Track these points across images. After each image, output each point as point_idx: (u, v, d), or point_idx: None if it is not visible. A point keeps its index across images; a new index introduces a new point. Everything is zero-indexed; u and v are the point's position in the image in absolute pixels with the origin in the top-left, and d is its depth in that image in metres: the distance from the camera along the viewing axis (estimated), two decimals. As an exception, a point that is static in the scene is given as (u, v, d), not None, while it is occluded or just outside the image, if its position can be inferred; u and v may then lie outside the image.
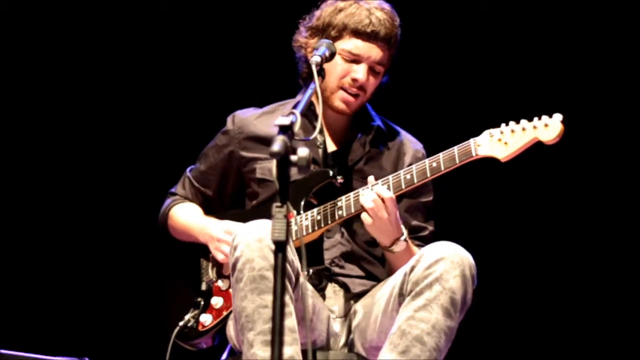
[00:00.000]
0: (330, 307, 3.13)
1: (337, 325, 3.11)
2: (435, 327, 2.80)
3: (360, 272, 3.20)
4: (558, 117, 2.87)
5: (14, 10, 4.36)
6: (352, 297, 3.15)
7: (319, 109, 3.13)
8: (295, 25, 3.34)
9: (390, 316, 2.93)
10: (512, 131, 2.92)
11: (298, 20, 3.33)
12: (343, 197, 3.10)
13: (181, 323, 3.21)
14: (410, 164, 3.19)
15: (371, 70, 3.19)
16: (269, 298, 2.76)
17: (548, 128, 2.87)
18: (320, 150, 3.26)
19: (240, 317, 2.81)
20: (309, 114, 3.24)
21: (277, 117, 3.24)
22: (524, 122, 2.92)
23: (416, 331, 2.80)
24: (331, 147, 3.29)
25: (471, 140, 2.98)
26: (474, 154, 2.96)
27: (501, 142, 2.93)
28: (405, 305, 2.85)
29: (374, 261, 3.23)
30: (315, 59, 3.01)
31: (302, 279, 2.94)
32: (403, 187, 3.04)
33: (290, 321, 2.80)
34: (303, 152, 2.24)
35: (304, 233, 3.12)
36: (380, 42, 3.17)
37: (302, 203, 3.14)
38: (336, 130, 3.31)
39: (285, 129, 2.32)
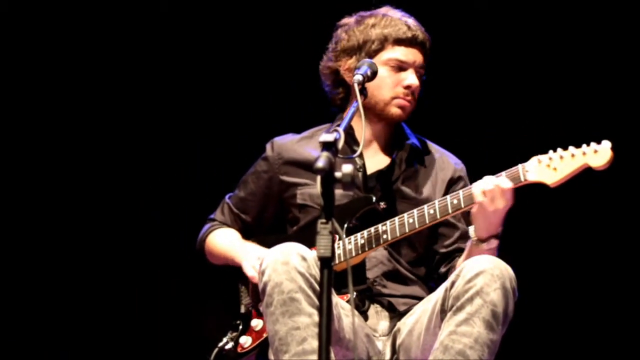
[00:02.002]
0: (372, 327, 3.13)
1: (380, 344, 3.11)
2: (477, 341, 2.80)
3: (402, 292, 3.20)
4: (607, 143, 2.89)
5: (14, 10, 4.38)
6: (395, 315, 3.16)
7: (359, 130, 3.17)
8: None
9: (433, 332, 2.92)
10: (561, 157, 2.92)
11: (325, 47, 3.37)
12: (388, 222, 3.10)
13: (220, 344, 3.22)
14: (451, 179, 3.25)
15: (417, 75, 3.26)
16: (299, 320, 2.79)
17: (597, 154, 2.88)
18: (359, 174, 3.27)
19: (274, 341, 2.83)
20: (346, 137, 3.22)
21: (316, 142, 3.34)
22: (572, 149, 2.93)
23: (459, 346, 2.80)
24: (370, 169, 3.30)
25: (519, 166, 2.97)
26: (522, 179, 2.96)
27: (550, 167, 2.92)
28: (447, 320, 2.85)
29: (416, 280, 3.24)
30: (357, 77, 3.02)
31: (335, 299, 2.95)
32: (450, 211, 3.03)
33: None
34: (347, 168, 2.27)
35: (347, 257, 3.10)
36: (419, 46, 3.25)
37: (345, 227, 3.13)
38: (374, 152, 3.33)
39: (329, 146, 2.35)
